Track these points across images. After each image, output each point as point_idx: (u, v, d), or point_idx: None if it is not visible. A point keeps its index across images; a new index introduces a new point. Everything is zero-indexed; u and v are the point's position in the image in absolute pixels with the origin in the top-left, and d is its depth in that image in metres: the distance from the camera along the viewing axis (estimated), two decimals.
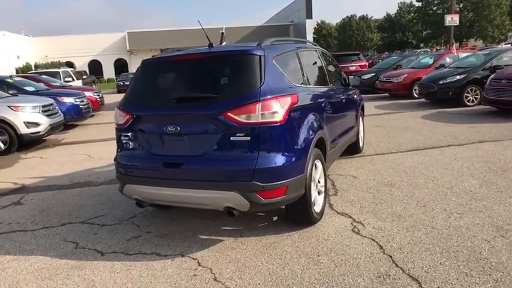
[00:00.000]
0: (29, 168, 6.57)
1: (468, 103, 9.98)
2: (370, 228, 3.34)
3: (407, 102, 11.69)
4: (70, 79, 17.08)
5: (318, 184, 3.60)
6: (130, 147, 3.30)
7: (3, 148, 7.73)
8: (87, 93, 12.56)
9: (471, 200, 3.80)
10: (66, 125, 10.04)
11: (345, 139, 4.89)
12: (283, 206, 3.36)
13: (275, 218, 3.70)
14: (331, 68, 4.85)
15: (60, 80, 16.21)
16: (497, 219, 3.32)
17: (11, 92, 9.75)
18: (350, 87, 5.41)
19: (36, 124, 8.04)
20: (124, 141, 3.33)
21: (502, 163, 4.92)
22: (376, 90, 13.75)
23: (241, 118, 2.82)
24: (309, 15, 35.18)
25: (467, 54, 12.21)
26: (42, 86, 11.62)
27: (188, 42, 34.51)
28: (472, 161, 5.09)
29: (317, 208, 3.48)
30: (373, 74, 14.57)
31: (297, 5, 37.37)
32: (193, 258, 3.04)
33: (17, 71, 29.39)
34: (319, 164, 3.55)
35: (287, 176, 2.95)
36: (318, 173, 3.55)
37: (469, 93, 9.98)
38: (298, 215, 3.36)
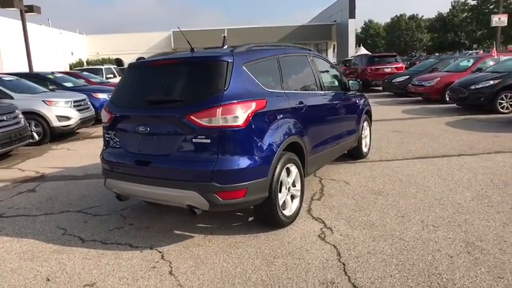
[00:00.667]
0: (54, 159, 7.14)
1: (502, 110, 9.39)
2: (337, 235, 3.34)
3: (438, 107, 11.19)
4: (111, 76, 18.07)
5: (292, 188, 3.65)
6: (112, 144, 3.55)
7: (37, 139, 8.43)
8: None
9: (455, 213, 3.67)
10: (99, 120, 10.69)
11: (340, 144, 4.86)
12: (252, 207, 3.46)
13: (250, 219, 3.80)
14: (325, 73, 4.84)
15: (103, 76, 17.22)
16: (472, 235, 3.19)
17: (51, 87, 10.57)
18: (353, 92, 5.35)
19: (67, 118, 8.68)
20: (107, 139, 3.59)
21: (507, 176, 4.66)
22: (409, 94, 13.26)
23: (203, 121, 2.95)
24: (352, 15, 34.37)
25: (507, 57, 11.43)
26: (81, 82, 12.45)
27: (230, 41, 35.15)
28: (477, 173, 4.86)
29: (287, 212, 3.54)
30: (407, 77, 14.04)
31: (339, 4, 36.66)
32: (159, 252, 3.23)
33: (70, 67, 31.50)
34: (293, 168, 3.60)
35: (247, 179, 3.04)
36: (291, 177, 3.60)
37: (503, 100, 9.39)
38: (265, 216, 3.44)
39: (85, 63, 34.56)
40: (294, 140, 3.56)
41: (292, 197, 3.68)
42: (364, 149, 5.90)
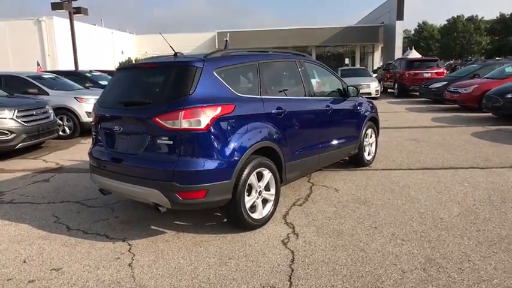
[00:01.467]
0: (78, 152, 7.69)
1: None
2: (301, 241, 3.36)
3: (472, 116, 10.56)
4: None
5: (265, 192, 3.70)
6: (97, 142, 3.83)
7: (68, 133, 9.11)
8: None
9: (431, 228, 3.53)
10: None
11: (334, 151, 4.82)
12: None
13: (225, 220, 3.90)
14: (319, 79, 4.83)
15: None
16: (437, 252, 3.07)
17: (87, 84, 11.33)
18: (353, 98, 5.26)
19: None
20: (94, 137, 3.88)
21: (509, 193, 4.36)
22: (445, 101, 12.63)
23: (167, 123, 3.11)
24: (400, 16, 33.13)
25: None
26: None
27: (275, 43, 35.40)
28: (478, 187, 4.60)
29: (257, 215, 3.60)
30: (445, 83, 13.36)
31: (388, 5, 35.49)
32: (129, 244, 3.43)
33: (120, 65, 33.39)
34: (266, 172, 3.65)
35: (207, 181, 3.16)
36: (264, 181, 3.65)
37: None
38: (231, 218, 3.53)
39: (134, 62, 36.41)
40: (266, 145, 3.61)
41: (266, 201, 3.74)
42: (367, 157, 5.78)
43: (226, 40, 6.31)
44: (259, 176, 3.62)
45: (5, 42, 25.58)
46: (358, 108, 5.38)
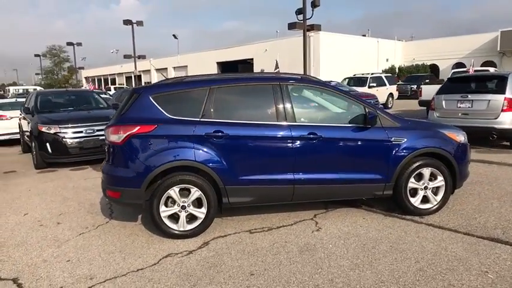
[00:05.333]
0: None
1: None
2: (178, 258, 3.57)
3: None
4: (374, 84, 18.69)
5: (193, 208, 4.00)
6: None
7: None
8: None
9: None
10: None
11: (325, 185, 4.20)
12: None
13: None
14: (321, 103, 4.30)
15: (365, 85, 18.30)
16: None
17: None
18: (379, 128, 4.25)
19: None
20: None
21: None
22: None
23: (106, 136, 4.11)
24: None
25: None
26: None
27: None
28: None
29: (177, 226, 3.96)
30: None
31: None
32: (90, 227, 4.67)
33: (384, 72, 33.77)
34: (194, 190, 3.93)
35: (120, 185, 3.95)
36: (190, 198, 3.95)
37: None
38: (151, 220, 4.06)
39: (397, 70, 35.95)
40: (188, 164, 3.90)
41: (194, 217, 4.02)
42: (419, 204, 4.41)
43: (276, 60, 6.10)
44: (184, 192, 3.96)
45: (285, 57, 31.03)
46: (389, 138, 4.24)
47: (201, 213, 4.01)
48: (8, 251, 3.89)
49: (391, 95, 19.73)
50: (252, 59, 35.91)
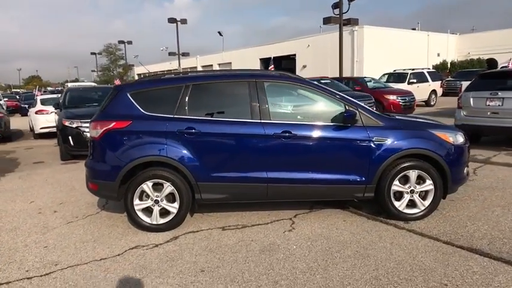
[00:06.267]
0: None
1: None
2: (142, 250, 3.68)
3: None
4: (415, 80, 17.71)
5: (166, 203, 4.09)
6: None
7: None
8: (391, 97, 13.68)
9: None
10: None
11: (300, 184, 4.09)
12: None
13: None
14: (297, 101, 4.19)
15: (405, 81, 17.43)
16: None
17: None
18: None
19: None
20: None
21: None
22: None
23: (89, 131, 4.31)
24: None
25: None
26: (344, 88, 13.82)
27: None
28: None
29: (150, 220, 4.08)
30: None
31: None
32: (80, 217, 4.91)
33: (434, 68, 31.84)
34: (166, 185, 4.02)
35: (97, 178, 4.14)
36: (163, 193, 4.05)
37: None
38: (126, 214, 4.21)
39: (449, 65, 33.76)
40: (158, 160, 3.99)
41: (167, 212, 4.11)
42: (404, 208, 4.16)
43: (270, 58, 5.88)
44: (157, 187, 4.06)
45: (327, 53, 30.40)
46: (370, 138, 4.02)
47: (173, 208, 4.09)
48: (0, 236, 4.24)
49: (434, 92, 18.54)
50: (295, 55, 35.52)
